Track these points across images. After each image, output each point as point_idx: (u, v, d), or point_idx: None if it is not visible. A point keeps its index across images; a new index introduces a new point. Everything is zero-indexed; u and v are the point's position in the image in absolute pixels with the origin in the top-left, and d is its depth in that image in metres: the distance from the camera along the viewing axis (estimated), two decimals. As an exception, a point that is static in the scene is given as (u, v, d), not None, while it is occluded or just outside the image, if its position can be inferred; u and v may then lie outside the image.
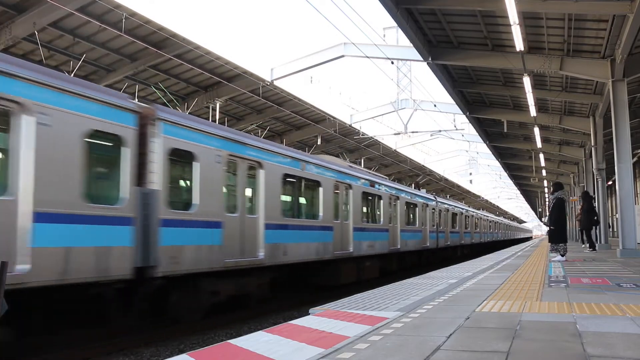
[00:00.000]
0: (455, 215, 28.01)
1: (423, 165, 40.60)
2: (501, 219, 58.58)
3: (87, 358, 6.64)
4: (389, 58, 18.28)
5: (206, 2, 77.94)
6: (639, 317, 4.08)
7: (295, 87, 22.29)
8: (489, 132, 27.77)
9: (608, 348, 3.09)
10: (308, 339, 3.57)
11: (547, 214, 13.19)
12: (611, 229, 26.75)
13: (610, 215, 32.42)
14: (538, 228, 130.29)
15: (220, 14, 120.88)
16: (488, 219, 43.12)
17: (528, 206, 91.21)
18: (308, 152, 22.58)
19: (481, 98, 21.54)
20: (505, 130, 24.81)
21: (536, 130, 22.06)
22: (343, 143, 31.20)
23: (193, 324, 8.54)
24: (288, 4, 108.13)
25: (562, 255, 11.63)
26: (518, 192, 67.19)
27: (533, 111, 18.22)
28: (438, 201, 24.60)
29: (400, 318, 4.35)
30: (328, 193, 12.62)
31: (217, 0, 78.60)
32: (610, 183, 25.17)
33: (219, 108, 21.50)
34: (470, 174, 52.55)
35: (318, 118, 26.27)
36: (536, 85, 17.29)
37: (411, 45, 14.93)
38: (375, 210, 16.37)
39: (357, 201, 14.37)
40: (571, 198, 29.99)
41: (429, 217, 22.18)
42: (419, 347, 3.22)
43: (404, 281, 8.00)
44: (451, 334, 3.60)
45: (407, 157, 37.26)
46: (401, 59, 20.72)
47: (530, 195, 66.46)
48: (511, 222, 76.27)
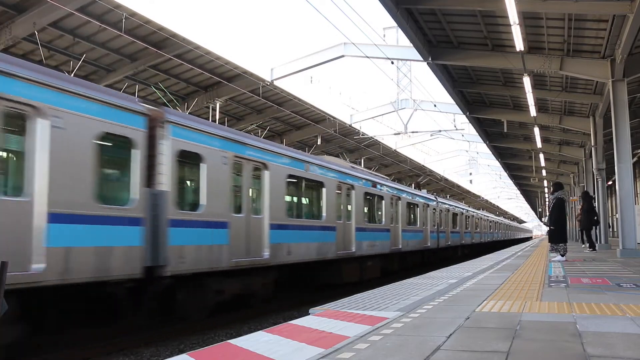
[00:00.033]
0: (455, 215, 28.04)
1: (423, 165, 40.59)
2: (501, 219, 58.57)
3: (87, 358, 6.64)
4: (389, 58, 18.29)
5: (206, 2, 77.97)
6: (639, 317, 4.08)
7: (295, 87, 22.35)
8: (489, 132, 27.77)
9: (608, 348, 3.09)
10: (308, 339, 3.57)
11: (547, 214, 13.19)
12: (611, 229, 26.74)
13: (610, 215, 32.41)
14: (538, 228, 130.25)
15: (220, 14, 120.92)
16: (488, 219, 43.14)
17: (528, 206, 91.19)
18: (308, 152, 22.58)
19: (481, 98, 21.54)
20: (505, 130, 24.81)
21: (536, 130, 22.06)
22: (343, 143, 31.19)
23: (193, 324, 8.56)
24: (288, 4, 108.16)
25: (562, 255, 11.64)
26: (518, 192, 67.18)
27: (533, 111, 18.22)
28: (439, 201, 24.64)
29: (400, 318, 4.35)
30: (331, 194, 12.71)
31: (217, 0, 78.64)
32: (610, 183, 25.17)
33: (219, 108, 21.49)
34: (470, 174, 52.57)
35: (318, 118, 26.26)
36: (536, 85, 17.29)
37: (411, 45, 14.93)
38: (377, 210, 16.44)
39: (359, 202, 14.47)
40: (571, 198, 29.98)
41: (430, 217, 22.22)
42: (419, 347, 3.22)
43: (404, 281, 8.00)
44: (451, 334, 3.60)
45: (407, 157, 37.26)
46: (401, 59, 20.72)
47: (530, 195, 66.45)
48: (511, 222, 76.26)
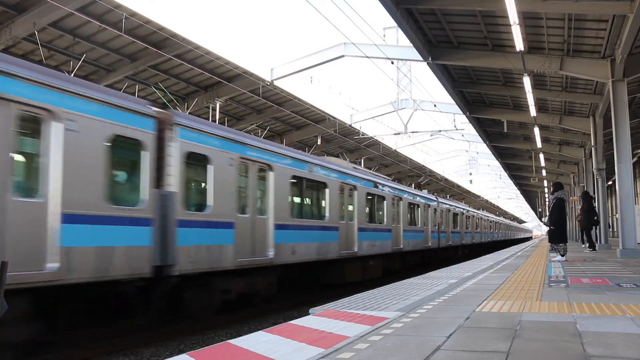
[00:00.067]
0: (456, 215, 28.08)
1: (423, 165, 40.57)
2: (501, 219, 58.59)
3: (87, 358, 6.65)
4: (389, 58, 18.28)
5: (206, 2, 77.97)
6: (639, 317, 4.08)
7: (295, 87, 22.34)
8: (489, 132, 27.76)
9: (608, 348, 3.09)
10: (308, 339, 3.57)
11: (547, 214, 13.19)
12: (611, 229, 26.73)
13: (610, 215, 32.40)
14: (538, 228, 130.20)
15: (220, 14, 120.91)
16: (488, 219, 43.16)
17: (528, 206, 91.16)
18: (308, 152, 22.57)
19: (481, 98, 21.53)
20: (505, 130, 24.80)
21: (536, 130, 22.05)
22: (343, 143, 31.18)
23: (193, 324, 8.58)
24: (288, 4, 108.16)
25: (562, 255, 11.64)
26: (518, 192, 67.15)
27: (533, 111, 18.22)
28: (439, 201, 24.68)
29: (400, 318, 4.35)
30: (334, 194, 12.84)
31: (217, 0, 78.63)
32: (610, 183, 25.16)
33: (219, 108, 21.49)
34: (470, 174, 52.54)
35: (318, 118, 26.26)
36: (536, 85, 17.29)
37: (411, 45, 14.93)
38: (378, 210, 16.53)
39: (362, 202, 14.59)
40: (571, 198, 29.98)
41: (431, 218, 22.30)
42: (419, 347, 3.22)
43: (404, 281, 8.00)
44: (451, 334, 3.60)
45: (407, 157, 37.24)
46: (401, 59, 20.71)
47: (530, 195, 66.43)
48: (511, 222, 76.28)
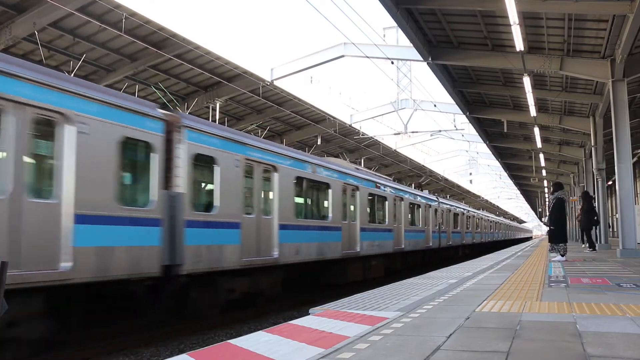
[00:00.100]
0: (456, 215, 28.12)
1: (423, 165, 40.57)
2: (501, 219, 58.58)
3: (87, 358, 6.65)
4: (389, 58, 18.28)
5: (206, 2, 77.96)
6: (639, 317, 4.08)
7: (295, 87, 22.36)
8: (489, 132, 27.76)
9: (608, 348, 3.09)
10: (308, 339, 3.57)
11: (547, 214, 13.19)
12: (611, 229, 26.73)
13: (610, 215, 32.39)
14: (538, 228, 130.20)
15: (220, 14, 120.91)
16: (488, 219, 43.16)
17: (528, 206, 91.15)
18: (308, 152, 22.57)
19: (481, 98, 21.53)
20: (505, 130, 24.80)
21: (536, 130, 22.05)
22: (343, 143, 31.17)
23: (193, 324, 8.59)
24: (288, 4, 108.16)
25: (562, 255, 11.64)
26: (518, 192, 67.14)
27: (533, 111, 18.22)
28: (440, 202, 24.73)
29: (400, 318, 4.35)
30: (337, 195, 12.97)
31: (217, 0, 78.62)
32: (610, 183, 25.15)
33: (219, 108, 21.49)
34: (470, 174, 52.54)
35: (318, 118, 26.25)
36: (536, 85, 17.28)
37: (411, 45, 14.93)
38: (380, 211, 16.63)
39: (364, 202, 14.70)
40: (571, 198, 29.97)
41: (432, 218, 22.37)
42: (419, 347, 3.22)
43: (404, 281, 8.00)
44: (451, 334, 3.60)
45: (407, 157, 37.24)
46: (401, 59, 20.71)
47: (530, 195, 66.42)
48: (511, 222, 76.27)
